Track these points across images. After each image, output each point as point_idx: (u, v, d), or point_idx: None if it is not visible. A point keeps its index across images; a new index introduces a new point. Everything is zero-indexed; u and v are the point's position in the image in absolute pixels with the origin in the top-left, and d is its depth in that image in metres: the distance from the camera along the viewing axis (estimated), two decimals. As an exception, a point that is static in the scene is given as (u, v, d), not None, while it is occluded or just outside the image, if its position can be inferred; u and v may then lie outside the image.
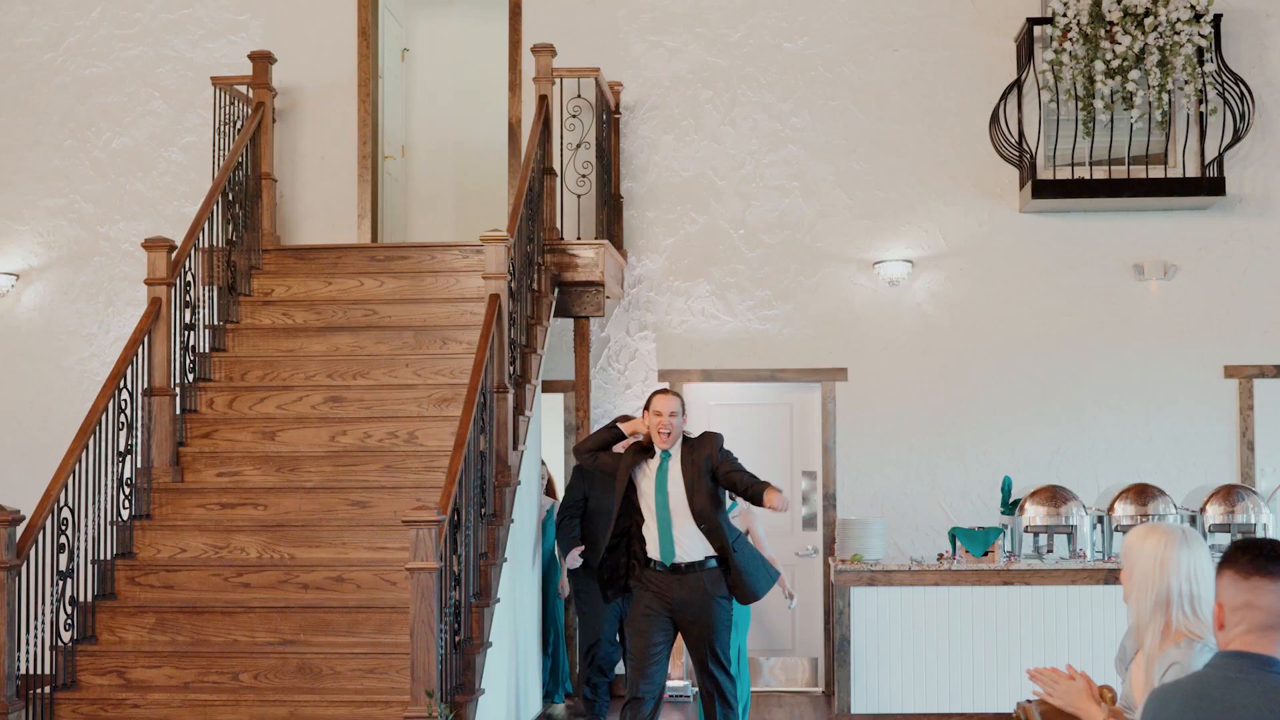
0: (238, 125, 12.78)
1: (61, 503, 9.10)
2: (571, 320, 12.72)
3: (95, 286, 13.89)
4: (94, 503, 9.61)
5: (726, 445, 9.41)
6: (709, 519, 9.19)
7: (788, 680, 13.41)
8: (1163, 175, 13.15)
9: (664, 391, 9.52)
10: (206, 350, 11.49)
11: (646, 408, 9.60)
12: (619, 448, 9.74)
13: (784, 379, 13.57)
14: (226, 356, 11.55)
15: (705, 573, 9.26)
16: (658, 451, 9.38)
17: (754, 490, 9.04)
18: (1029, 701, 5.40)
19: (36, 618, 8.87)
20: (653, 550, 9.31)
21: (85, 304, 13.89)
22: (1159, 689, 4.38)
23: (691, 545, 9.24)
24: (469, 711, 8.83)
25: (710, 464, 9.20)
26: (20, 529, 8.72)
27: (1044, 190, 13.00)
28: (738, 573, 9.25)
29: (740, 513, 10.30)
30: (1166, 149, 13.27)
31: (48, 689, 8.97)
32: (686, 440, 9.41)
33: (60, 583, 9.10)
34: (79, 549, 9.36)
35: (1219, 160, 13.00)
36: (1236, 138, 13.00)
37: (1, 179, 13.98)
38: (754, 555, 9.46)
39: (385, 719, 8.59)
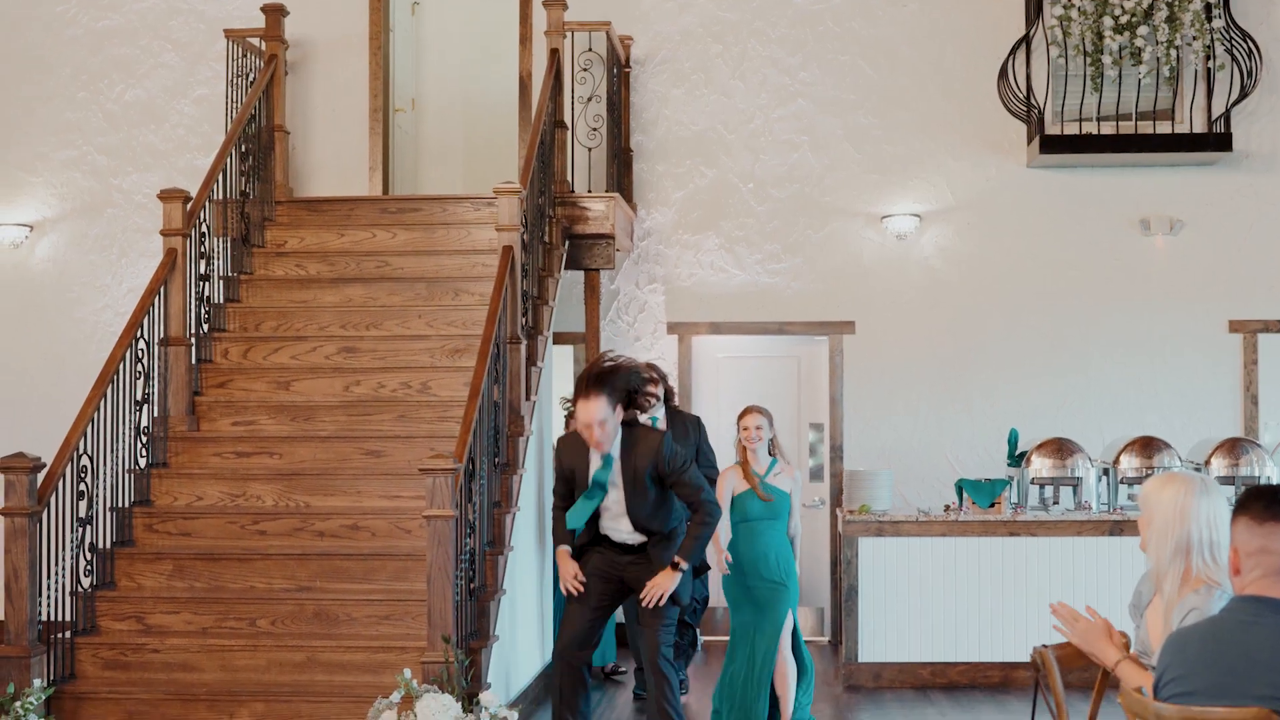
0: (250, 78, 12.83)
1: (80, 451, 9.21)
2: (582, 273, 12.81)
3: (108, 238, 13.97)
4: (112, 451, 9.71)
5: (677, 447, 8.51)
6: (645, 523, 8.43)
7: (794, 630, 13.52)
8: (1170, 131, 13.21)
9: (585, 397, 8.25)
10: (221, 301, 11.57)
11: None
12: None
13: (792, 332, 13.66)
14: (240, 307, 11.63)
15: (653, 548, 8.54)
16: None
17: (686, 504, 8.41)
18: (1045, 646, 5.50)
19: (57, 564, 8.99)
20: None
21: (99, 255, 13.97)
22: (1176, 632, 4.50)
23: (634, 535, 8.55)
24: (483, 658, 8.95)
25: (655, 470, 8.31)
26: (41, 476, 8.82)
27: (1052, 145, 13.07)
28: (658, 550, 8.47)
29: (785, 469, 9.69)
30: (1174, 105, 13.33)
31: (68, 634, 9.09)
32: (630, 439, 8.39)
33: (80, 529, 9.21)
34: (98, 497, 9.46)
35: (1226, 116, 13.07)
36: (1243, 94, 13.06)
37: (15, 131, 14.04)
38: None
39: (401, 664, 8.69)
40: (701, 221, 13.75)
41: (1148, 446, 11.77)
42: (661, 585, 8.21)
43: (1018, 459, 11.98)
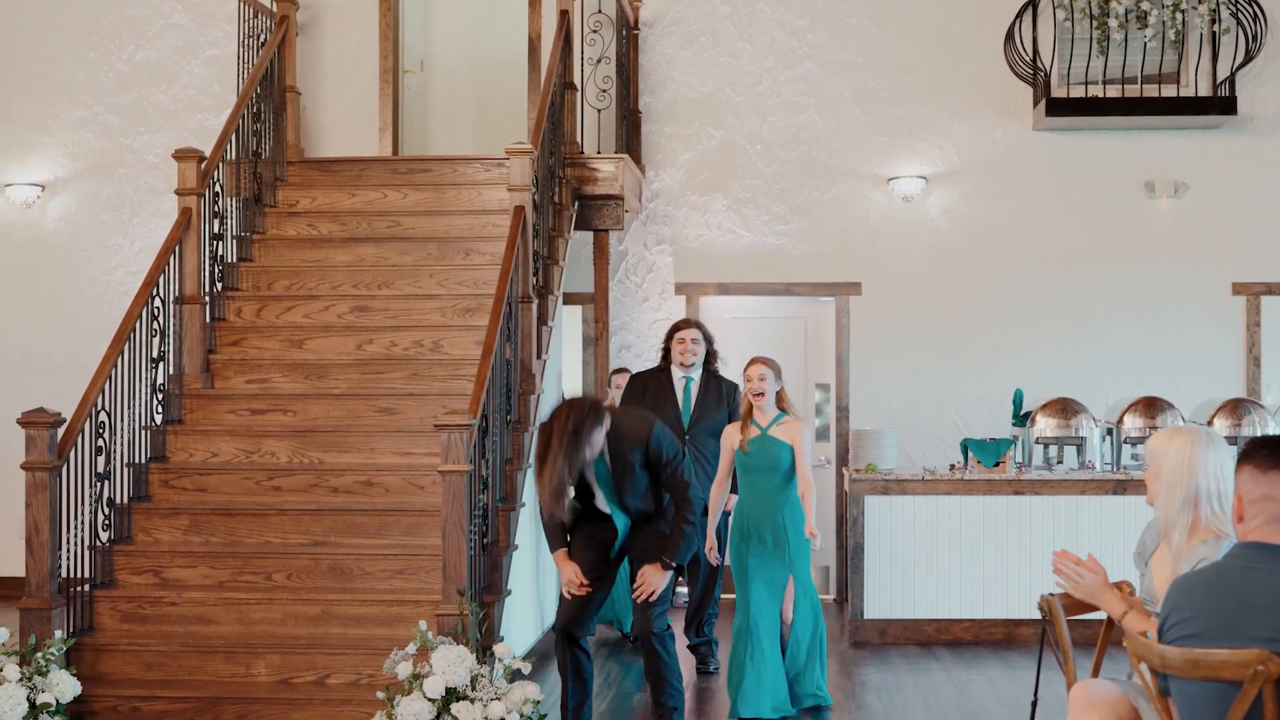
0: (261, 39, 12.92)
1: (99, 407, 9.34)
2: (591, 233, 12.91)
3: (120, 198, 14.07)
4: (129, 408, 9.83)
5: (665, 443, 8.16)
6: (638, 506, 8.21)
7: (800, 588, 13.66)
8: (1175, 94, 13.29)
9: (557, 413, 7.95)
10: (234, 260, 11.68)
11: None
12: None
13: (799, 293, 13.77)
14: (253, 266, 11.74)
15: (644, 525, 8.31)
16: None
17: (671, 504, 8.18)
18: (1052, 595, 5.63)
19: (76, 519, 9.12)
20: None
21: (110, 215, 14.07)
22: (1181, 578, 4.63)
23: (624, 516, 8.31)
24: (496, 611, 9.09)
25: (644, 457, 8.07)
26: (60, 432, 8.95)
27: (1058, 108, 13.15)
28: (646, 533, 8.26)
29: (788, 422, 9.33)
30: (1179, 68, 13.42)
31: (87, 587, 9.22)
32: (613, 434, 8.04)
33: (98, 485, 9.35)
34: (115, 453, 9.59)
35: (1231, 80, 13.14)
36: (1248, 58, 13.14)
37: (27, 91, 14.12)
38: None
39: (415, 617, 8.83)
40: (709, 183, 13.84)
41: (1151, 407, 11.90)
42: (652, 582, 8.03)
43: (1023, 419, 12.10)
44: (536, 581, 10.85)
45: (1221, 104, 13.10)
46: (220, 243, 11.25)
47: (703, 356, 10.77)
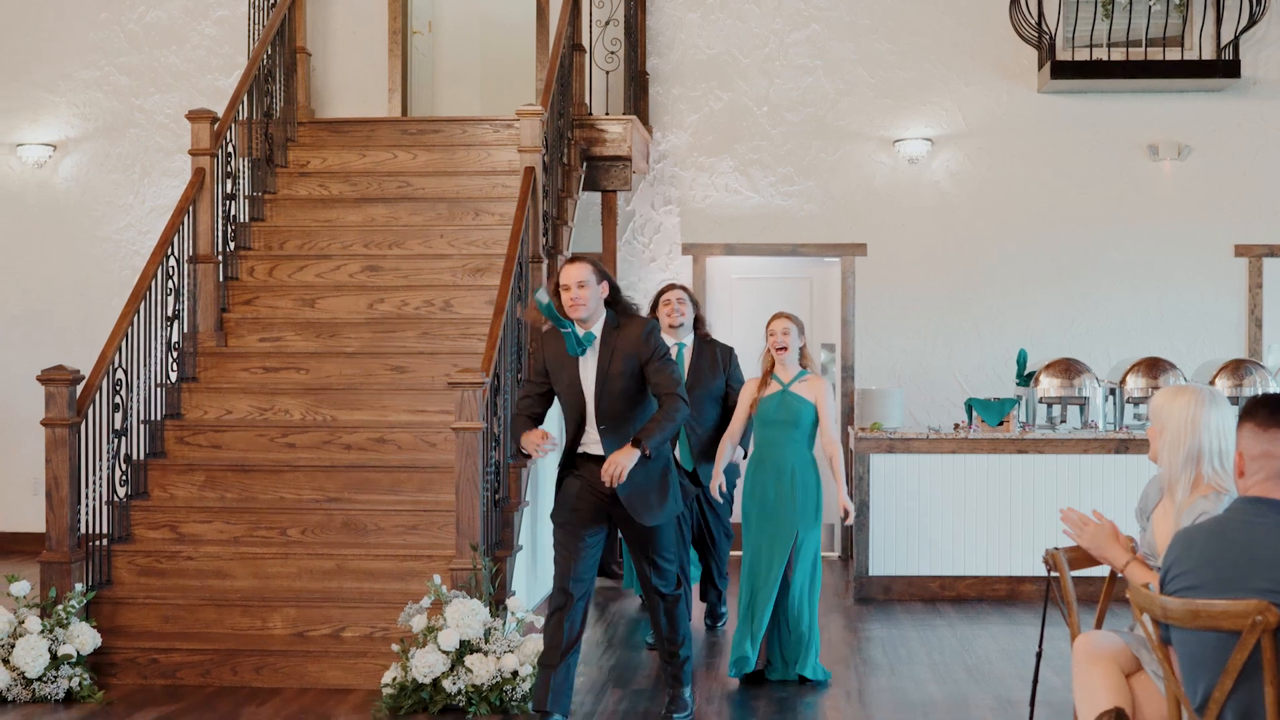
0: (270, 0, 13.02)
1: (116, 364, 9.48)
2: (599, 194, 13.03)
3: (131, 158, 14.17)
4: (144, 366, 9.97)
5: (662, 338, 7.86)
6: (613, 419, 7.57)
7: (805, 546, 13.81)
8: (1179, 58, 13.39)
9: (571, 262, 7.67)
10: (246, 220, 11.80)
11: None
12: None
13: (805, 253, 13.89)
14: (265, 226, 11.86)
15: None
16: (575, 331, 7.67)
17: (658, 396, 7.59)
18: (1058, 549, 5.77)
19: (94, 474, 9.26)
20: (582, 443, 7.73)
21: (121, 174, 14.17)
22: (1183, 530, 4.78)
23: (597, 445, 7.64)
24: (508, 566, 9.23)
25: (636, 358, 7.57)
26: (79, 389, 9.09)
27: (1063, 71, 13.24)
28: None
29: (811, 379, 9.03)
30: (1183, 31, 13.53)
31: (105, 542, 9.37)
32: (614, 323, 7.65)
33: (115, 441, 9.49)
34: (131, 410, 9.74)
35: (1234, 43, 13.23)
36: (1252, 21, 13.23)
37: (38, 51, 14.21)
38: (663, 475, 7.70)
39: (428, 572, 8.98)
40: (716, 144, 13.95)
41: (1154, 367, 12.02)
42: (619, 462, 7.29)
43: (1026, 379, 12.22)
44: (545, 538, 10.99)
45: (1225, 67, 13.20)
46: (233, 202, 11.38)
47: (691, 318, 10.18)
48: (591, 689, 8.70)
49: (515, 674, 8.10)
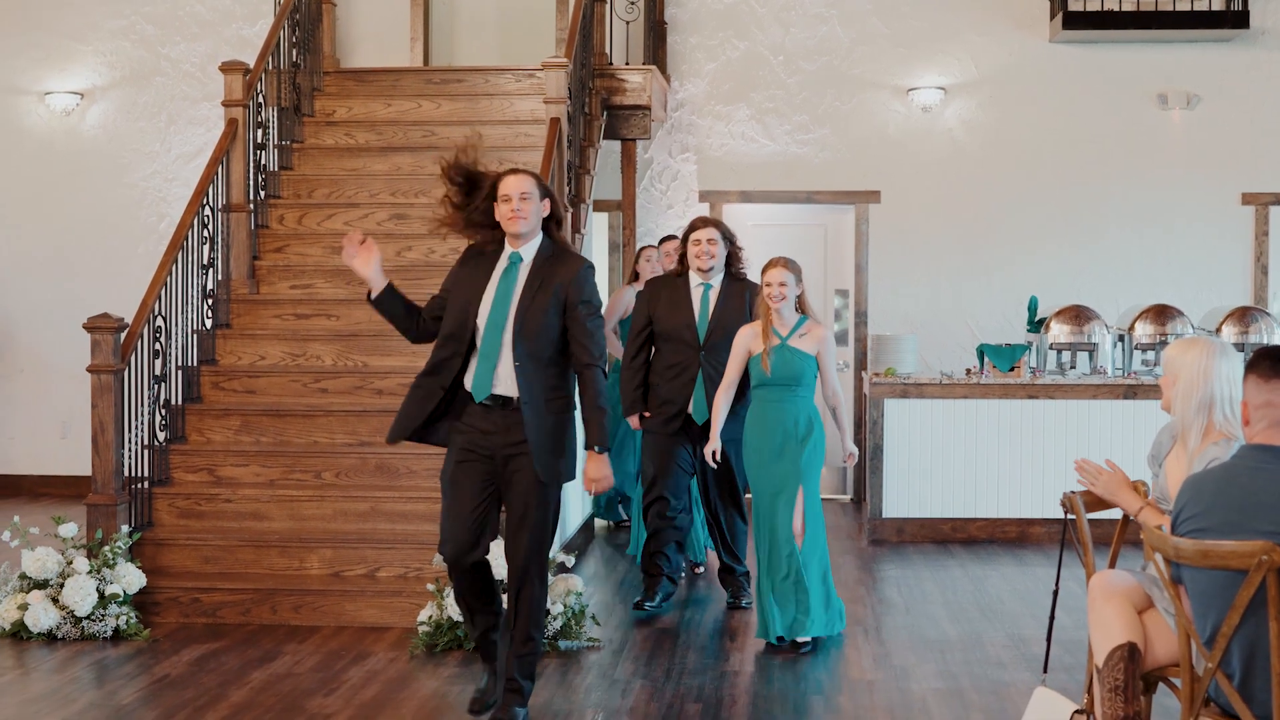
0: (295, -50, 13.24)
1: (156, 312, 9.77)
2: (618, 142, 13.26)
3: (156, 106, 14.40)
4: (180, 313, 10.25)
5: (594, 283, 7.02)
6: (531, 359, 6.76)
7: (819, 487, 14.12)
8: (1189, 8, 13.60)
9: (516, 173, 6.92)
10: (275, 169, 12.05)
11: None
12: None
13: (819, 200, 14.14)
14: (294, 175, 12.11)
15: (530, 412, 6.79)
16: (506, 250, 6.95)
17: (576, 357, 6.85)
18: (1074, 492, 6.07)
19: (136, 418, 9.56)
20: (468, 378, 6.95)
21: (147, 122, 14.41)
22: (1193, 476, 5.08)
23: (510, 380, 6.80)
24: (536, 508, 9.50)
25: (563, 294, 6.81)
26: (123, 336, 9.38)
27: (1074, 21, 13.47)
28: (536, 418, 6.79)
29: (811, 329, 8.70)
30: (1193, -19, 13.75)
31: (146, 485, 9.67)
32: (550, 250, 6.95)
33: (155, 387, 9.79)
34: (169, 356, 10.03)
35: (1244, -7, 13.48)
36: (1262, -29, 13.45)
37: (66, 1, 14.42)
38: (567, 429, 6.94)
39: (459, 514, 9.27)
40: (733, 93, 14.17)
41: (1162, 314, 12.26)
42: (601, 474, 6.84)
43: (1037, 325, 12.48)
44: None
45: (1234, 18, 13.43)
46: (263, 152, 11.63)
47: (723, 259, 9.52)
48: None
49: (547, 612, 8.38)
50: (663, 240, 11.62)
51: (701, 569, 10.84)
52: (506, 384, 6.76)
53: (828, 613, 8.63)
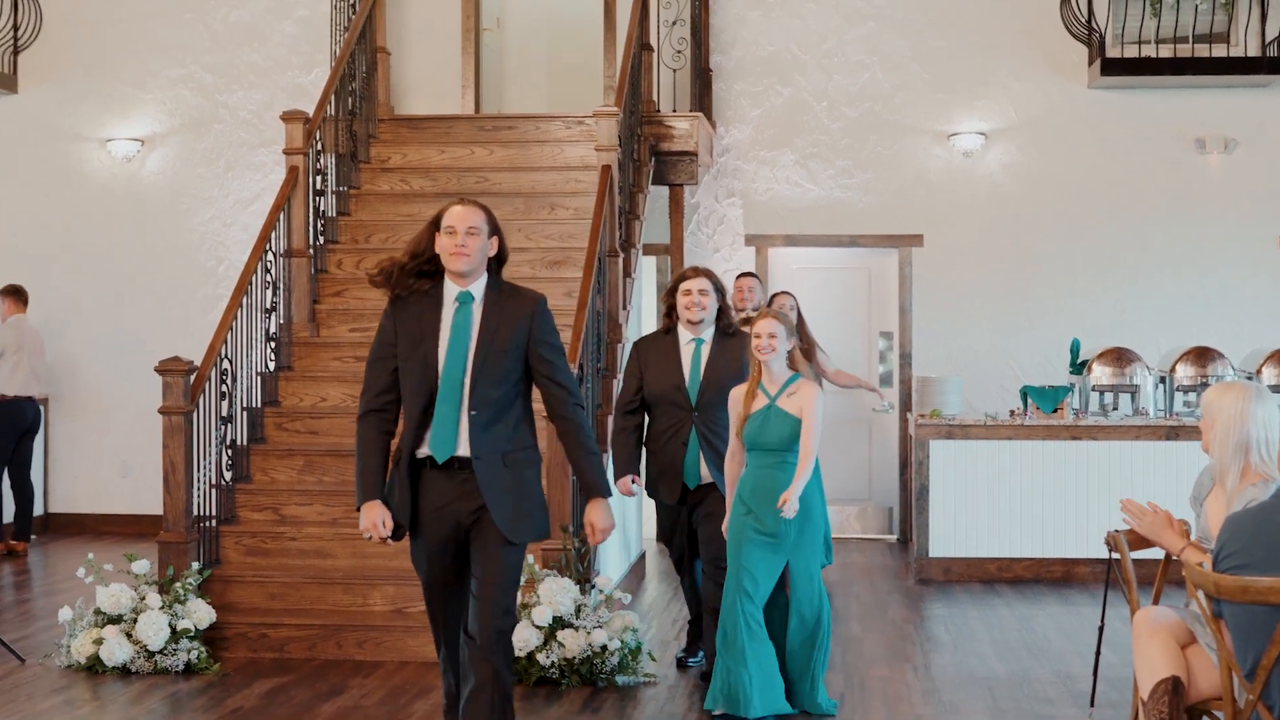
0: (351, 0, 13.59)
1: (222, 355, 10.07)
2: (666, 188, 13.54)
3: (215, 152, 14.76)
4: (244, 355, 10.55)
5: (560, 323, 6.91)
6: (489, 407, 6.17)
7: (864, 528, 14.37)
8: (1225, 54, 13.85)
9: (463, 204, 6.34)
10: (333, 215, 12.36)
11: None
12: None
13: (863, 244, 14.39)
14: (351, 220, 12.42)
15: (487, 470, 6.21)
16: (449, 290, 6.34)
17: (552, 404, 6.32)
18: (1118, 531, 6.31)
19: (204, 459, 9.85)
20: (422, 442, 6.25)
21: (206, 169, 14.76)
22: (1233, 515, 5.34)
23: (465, 436, 6.19)
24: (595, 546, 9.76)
25: (525, 335, 6.26)
26: (192, 379, 9.68)
27: (1112, 68, 13.71)
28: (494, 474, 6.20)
29: (801, 387, 7.94)
30: (1229, 29, 14.00)
31: (213, 523, 9.95)
32: (500, 286, 6.36)
33: (222, 428, 10.09)
34: (235, 398, 10.33)
35: (1279, 40, 13.66)
36: (1297, 18, 13.67)
37: (127, 49, 14.81)
38: (532, 482, 6.37)
39: (517, 552, 9.51)
40: (777, 138, 14.45)
41: (1202, 356, 12.43)
42: (603, 523, 6.35)
43: (1079, 367, 12.66)
44: (623, 518, 11.52)
45: (1270, 64, 13.65)
46: (321, 198, 11.94)
47: (714, 312, 8.71)
48: None
49: (604, 648, 8.62)
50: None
51: None
52: (462, 440, 6.13)
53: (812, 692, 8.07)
